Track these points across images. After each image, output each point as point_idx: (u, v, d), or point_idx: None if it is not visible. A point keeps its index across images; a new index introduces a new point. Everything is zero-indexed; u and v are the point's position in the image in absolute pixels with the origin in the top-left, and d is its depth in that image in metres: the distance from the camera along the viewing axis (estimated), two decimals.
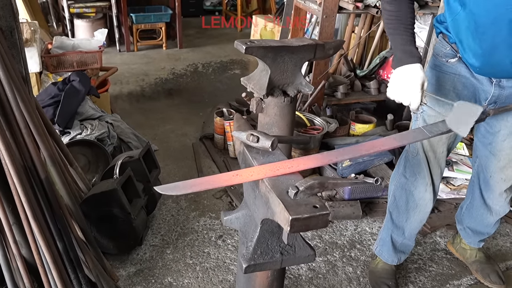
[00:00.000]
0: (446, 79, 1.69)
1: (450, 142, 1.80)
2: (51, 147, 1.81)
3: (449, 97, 1.67)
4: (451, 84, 1.68)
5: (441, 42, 1.69)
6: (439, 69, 1.70)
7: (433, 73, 1.73)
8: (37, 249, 1.64)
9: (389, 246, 2.06)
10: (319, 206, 1.05)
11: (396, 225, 2.01)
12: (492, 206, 1.96)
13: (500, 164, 1.81)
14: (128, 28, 5.22)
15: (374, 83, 3.33)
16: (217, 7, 7.16)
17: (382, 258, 2.11)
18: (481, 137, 1.84)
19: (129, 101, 4.00)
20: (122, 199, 2.02)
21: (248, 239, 1.28)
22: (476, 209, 2.03)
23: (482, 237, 2.14)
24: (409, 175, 1.89)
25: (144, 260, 2.20)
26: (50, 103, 2.69)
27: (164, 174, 2.85)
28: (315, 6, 2.95)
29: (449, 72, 1.67)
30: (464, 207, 2.13)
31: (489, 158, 1.83)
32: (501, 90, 1.60)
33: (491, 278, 2.13)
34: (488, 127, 1.77)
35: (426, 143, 1.79)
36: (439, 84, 1.70)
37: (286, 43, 2.12)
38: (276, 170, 1.17)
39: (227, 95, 4.08)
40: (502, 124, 1.72)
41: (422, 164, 1.83)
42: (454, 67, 1.66)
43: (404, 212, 1.96)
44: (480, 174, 1.94)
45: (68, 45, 3.26)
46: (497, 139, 1.76)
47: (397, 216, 1.99)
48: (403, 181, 1.92)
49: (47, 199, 1.67)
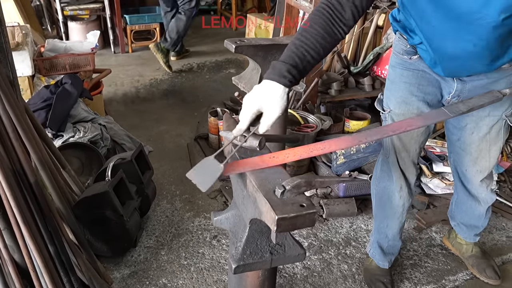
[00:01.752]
0: (411, 76, 1.68)
1: (422, 140, 1.80)
2: (41, 150, 1.80)
3: (414, 92, 1.68)
4: (416, 80, 1.67)
5: (400, 39, 1.66)
6: (402, 66, 1.69)
7: (396, 71, 1.72)
8: (28, 253, 1.63)
9: (378, 249, 2.07)
10: (305, 205, 1.05)
11: (379, 230, 2.03)
12: (477, 195, 1.96)
13: (472, 157, 1.81)
14: (122, 29, 5.20)
15: (368, 80, 3.32)
16: (212, 6, 7.14)
17: (375, 260, 2.11)
18: (449, 134, 1.84)
19: (124, 103, 3.99)
20: (114, 201, 2.01)
21: (237, 239, 1.27)
22: (464, 202, 2.03)
23: (477, 230, 2.13)
24: (386, 179, 1.90)
25: (139, 262, 2.19)
26: (42, 106, 2.68)
27: (159, 175, 2.84)
28: (306, 3, 2.94)
29: (412, 69, 1.67)
30: (453, 202, 2.13)
31: (460, 153, 1.84)
32: (463, 84, 1.60)
33: (486, 273, 2.13)
34: (455, 123, 1.77)
35: (398, 144, 1.79)
36: (404, 81, 1.70)
37: (276, 41, 2.12)
38: (310, 152, 1.16)
39: (222, 95, 4.08)
40: (468, 119, 1.71)
41: (394, 167, 1.84)
42: (417, 64, 1.65)
43: (384, 218, 1.98)
44: (457, 168, 1.93)
45: (60, 47, 3.25)
46: (465, 133, 1.76)
47: (379, 223, 2.02)
48: (382, 186, 1.93)
49: (37, 203, 1.67)
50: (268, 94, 1.19)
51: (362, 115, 3.26)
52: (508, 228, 2.50)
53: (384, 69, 3.42)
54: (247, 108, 1.20)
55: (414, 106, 1.70)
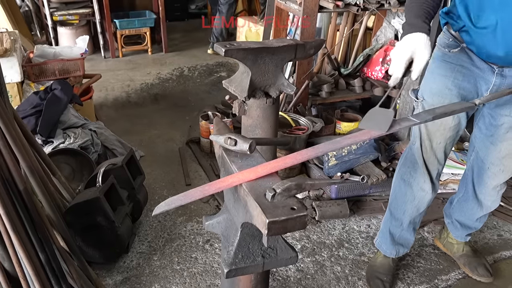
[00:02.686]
0: (448, 68, 1.71)
1: (449, 135, 1.80)
2: (31, 157, 1.79)
3: (448, 85, 1.70)
4: (452, 73, 1.70)
5: (445, 33, 1.71)
6: (440, 59, 1.73)
7: (435, 63, 1.75)
8: (19, 261, 1.61)
9: (388, 238, 2.07)
10: (296, 208, 1.05)
11: (394, 216, 2.02)
12: (483, 201, 1.97)
13: (500, 155, 1.83)
14: (112, 34, 5.18)
15: (359, 81, 3.33)
16: (203, 10, 7.14)
17: (381, 250, 2.12)
18: (483, 129, 1.85)
19: (114, 108, 3.97)
20: (105, 207, 2.00)
21: (229, 243, 1.27)
22: (468, 203, 2.05)
23: (470, 231, 2.15)
24: (408, 166, 1.91)
25: (131, 268, 2.17)
26: (32, 112, 2.66)
27: (151, 180, 2.83)
28: (295, 6, 2.94)
29: (451, 62, 1.70)
30: (455, 200, 2.14)
31: (489, 148, 1.85)
32: (503, 79, 1.62)
33: (478, 271, 2.14)
34: (492, 120, 1.79)
35: (424, 131, 1.81)
36: (440, 73, 1.73)
37: (266, 44, 2.12)
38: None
39: (213, 98, 4.08)
40: (505, 119, 1.74)
41: (417, 153, 1.85)
42: (456, 57, 1.68)
43: (402, 204, 1.97)
44: (475, 168, 1.95)
45: (50, 53, 3.23)
46: (500, 131, 1.78)
47: (395, 208, 2.01)
48: (402, 171, 1.95)
49: (27, 210, 1.65)
50: (417, 42, 1.38)
51: (353, 117, 3.27)
52: (499, 227, 2.51)
53: (374, 70, 3.44)
54: (400, 58, 1.38)
55: (447, 99, 1.71)
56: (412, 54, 1.37)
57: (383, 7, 2.97)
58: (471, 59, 1.66)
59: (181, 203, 1.15)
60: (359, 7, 2.87)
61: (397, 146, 2.76)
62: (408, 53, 1.37)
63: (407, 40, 1.39)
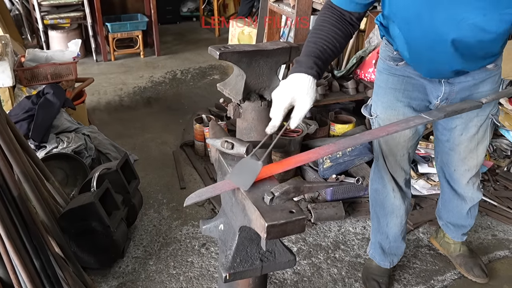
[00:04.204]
0: (396, 81, 1.71)
1: (410, 145, 1.82)
2: (24, 163, 1.77)
3: (399, 98, 1.71)
4: (402, 85, 1.70)
5: (387, 46, 1.69)
6: (388, 72, 1.72)
7: (383, 76, 1.75)
8: (13, 268, 1.60)
9: (379, 250, 2.08)
10: (295, 211, 1.04)
11: (380, 230, 2.03)
12: (463, 194, 1.99)
13: (461, 157, 1.84)
14: (104, 37, 5.16)
15: (352, 83, 3.33)
16: (194, 12, 7.13)
17: (375, 260, 2.12)
18: (439, 135, 1.87)
19: (107, 112, 3.95)
20: (100, 212, 1.98)
21: (227, 247, 1.26)
22: (450, 202, 2.05)
23: (464, 230, 2.16)
24: (378, 182, 1.93)
25: (127, 273, 2.16)
26: (24, 117, 2.64)
27: (145, 184, 2.82)
28: (289, 8, 2.95)
29: (399, 75, 1.70)
30: (440, 202, 2.15)
31: (449, 154, 1.86)
32: (451, 87, 1.64)
33: (474, 271, 2.15)
34: (444, 125, 1.80)
35: (385, 148, 1.82)
36: (390, 86, 1.72)
37: (260, 47, 2.12)
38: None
39: (207, 101, 4.07)
40: (457, 121, 1.74)
41: (383, 169, 1.87)
42: (403, 69, 1.68)
43: (383, 217, 1.99)
44: (444, 169, 1.96)
45: (41, 57, 3.20)
46: (454, 134, 1.79)
47: (378, 223, 2.02)
48: (374, 188, 1.96)
49: (21, 216, 1.63)
50: (299, 86, 1.23)
51: (347, 119, 3.28)
52: (493, 227, 2.53)
53: (367, 72, 3.45)
54: (279, 103, 1.22)
55: (400, 111, 1.72)
56: (292, 100, 1.21)
57: (375, 9, 2.99)
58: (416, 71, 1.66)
59: (212, 194, 1.16)
60: None
61: None
62: (288, 99, 1.21)
63: (289, 82, 1.24)
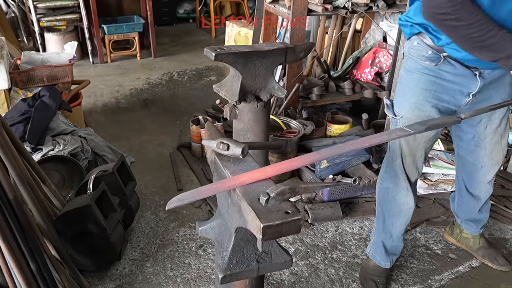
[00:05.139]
0: (428, 82, 1.70)
1: (428, 146, 1.84)
2: (20, 165, 1.77)
3: (428, 99, 1.71)
4: (433, 86, 1.70)
5: (420, 44, 1.67)
6: (420, 72, 1.70)
7: (413, 76, 1.73)
8: (9, 271, 1.59)
9: (381, 250, 2.08)
10: (291, 211, 1.04)
11: (384, 230, 2.03)
12: (479, 195, 2.05)
13: (487, 151, 1.88)
14: (100, 39, 5.15)
15: (348, 83, 3.34)
16: (191, 14, 7.13)
17: (375, 261, 2.12)
18: (463, 135, 1.88)
19: (104, 114, 3.95)
20: (97, 215, 1.98)
21: (223, 248, 1.26)
22: (468, 204, 2.12)
23: (482, 223, 2.22)
24: (390, 181, 1.92)
25: (124, 275, 2.15)
26: (20, 120, 2.63)
27: (142, 186, 2.81)
28: (284, 9, 2.95)
29: (432, 75, 1.69)
30: (456, 203, 2.21)
31: (476, 151, 1.89)
32: (484, 80, 1.67)
33: (498, 261, 2.22)
34: (469, 121, 1.82)
35: (405, 148, 1.82)
36: (420, 86, 1.71)
37: (256, 48, 2.12)
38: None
39: (204, 103, 4.07)
40: (482, 115, 1.77)
41: (399, 169, 1.86)
42: (438, 70, 1.67)
43: (390, 217, 1.99)
44: (464, 174, 2.01)
45: (37, 59, 3.19)
46: (479, 129, 1.82)
47: (383, 222, 2.02)
48: (385, 186, 1.96)
49: (17, 219, 1.62)
50: None
51: (343, 119, 3.28)
52: (490, 226, 2.53)
53: (363, 72, 3.46)
54: None
55: (426, 112, 1.71)
56: None
57: (371, 9, 2.99)
58: (454, 68, 1.65)
59: (194, 199, 1.15)
60: (347, 10, 2.89)
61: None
62: None
63: None
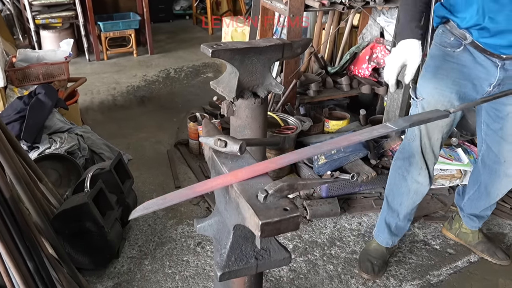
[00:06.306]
0: (450, 68, 1.73)
1: (445, 130, 1.85)
2: (16, 164, 1.75)
3: (449, 85, 1.73)
4: (454, 73, 1.72)
5: (444, 32, 1.73)
6: (442, 58, 1.74)
7: (435, 61, 1.77)
8: (6, 271, 1.58)
9: (385, 228, 2.11)
10: (289, 208, 1.04)
11: (391, 207, 2.06)
12: (496, 193, 2.04)
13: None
14: (96, 36, 5.12)
15: (346, 79, 3.34)
16: (187, 11, 7.10)
17: (378, 241, 2.16)
18: (491, 123, 1.88)
19: (100, 111, 3.93)
20: (94, 213, 1.97)
21: (221, 246, 1.25)
22: (481, 201, 2.12)
23: (484, 219, 2.24)
24: (403, 160, 1.95)
25: (122, 273, 2.15)
26: (16, 118, 2.61)
27: (139, 184, 2.80)
28: (281, 5, 2.94)
29: (453, 62, 1.72)
30: (466, 197, 2.19)
31: (501, 143, 1.89)
32: (506, 73, 1.66)
33: (498, 255, 2.23)
34: (497, 112, 1.82)
35: (424, 130, 1.85)
36: (442, 72, 1.74)
37: (253, 44, 2.11)
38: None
39: (201, 99, 4.05)
40: (509, 108, 1.78)
41: (416, 149, 1.89)
42: (459, 57, 1.70)
43: (398, 195, 2.02)
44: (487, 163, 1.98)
45: (33, 57, 3.18)
46: (507, 122, 1.82)
47: (392, 199, 2.05)
48: (397, 165, 1.99)
49: (14, 218, 1.61)
50: (409, 49, 1.53)
51: (341, 115, 3.28)
52: (488, 221, 2.52)
53: (360, 68, 3.45)
54: (393, 64, 1.55)
55: (446, 97, 1.74)
56: (404, 60, 1.53)
57: (368, 5, 2.98)
58: (473, 57, 1.68)
59: (159, 207, 1.10)
60: (344, 6, 2.88)
61: (386, 143, 2.76)
62: (401, 60, 1.53)
63: (400, 48, 1.55)
